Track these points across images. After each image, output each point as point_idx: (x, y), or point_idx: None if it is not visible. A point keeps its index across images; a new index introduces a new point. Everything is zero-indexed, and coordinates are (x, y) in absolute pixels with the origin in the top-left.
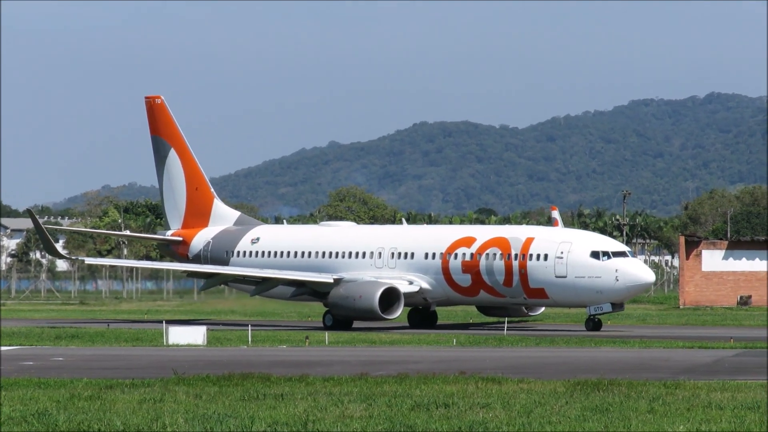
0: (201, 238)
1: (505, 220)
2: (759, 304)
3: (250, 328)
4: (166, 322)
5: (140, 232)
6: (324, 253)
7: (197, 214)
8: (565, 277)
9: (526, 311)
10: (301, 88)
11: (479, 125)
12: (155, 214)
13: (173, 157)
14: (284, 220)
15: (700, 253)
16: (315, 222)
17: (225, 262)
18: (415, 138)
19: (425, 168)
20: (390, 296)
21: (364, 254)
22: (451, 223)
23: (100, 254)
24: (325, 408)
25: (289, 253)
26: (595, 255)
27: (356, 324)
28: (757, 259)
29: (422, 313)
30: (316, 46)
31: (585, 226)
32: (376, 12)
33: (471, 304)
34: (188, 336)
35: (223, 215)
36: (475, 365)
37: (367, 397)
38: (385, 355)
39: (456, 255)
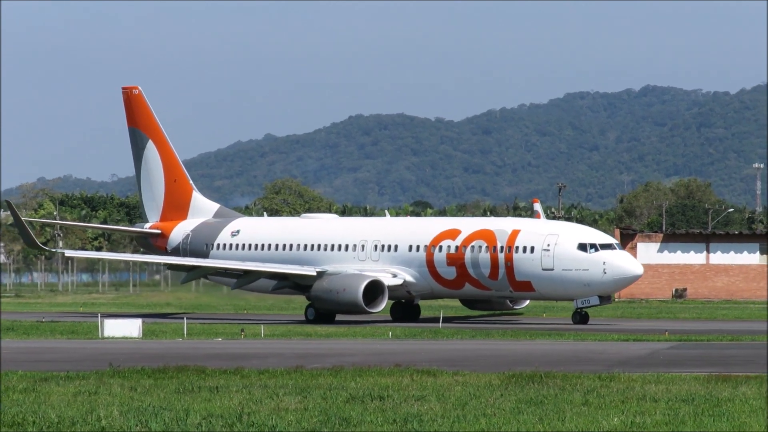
0: (180, 231)
1: (441, 213)
2: (694, 296)
3: (185, 320)
4: (101, 315)
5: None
6: (306, 246)
7: (176, 207)
8: (552, 269)
9: (510, 305)
10: (236, 81)
11: (415, 118)
12: (90, 207)
13: (151, 148)
14: (264, 213)
15: (636, 245)
16: (251, 214)
17: (204, 255)
18: (351, 131)
19: (361, 161)
20: (374, 289)
21: (347, 247)
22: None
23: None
24: (260, 400)
25: (270, 245)
26: (582, 247)
27: (339, 317)
28: (692, 252)
29: (405, 306)
30: (251, 39)
31: None
32: (311, 6)
33: (456, 298)
34: (124, 329)
35: (202, 207)
36: (411, 358)
37: (302, 389)
38: (320, 347)
39: (440, 247)
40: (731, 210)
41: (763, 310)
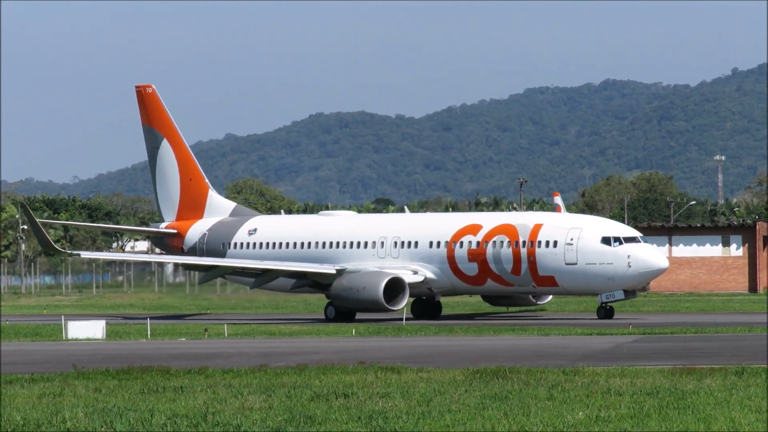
0: (196, 230)
1: (402, 210)
2: (657, 289)
3: (149, 321)
4: (65, 317)
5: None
6: (324, 243)
7: (192, 206)
8: (576, 264)
9: (533, 300)
10: (196, 81)
11: (375, 115)
12: (52, 209)
13: (166, 147)
14: (282, 211)
15: None
16: None
17: (221, 255)
18: (312, 129)
19: (322, 159)
20: (394, 287)
21: (366, 244)
22: None
23: None
24: (224, 400)
25: (288, 243)
26: (606, 241)
27: (359, 315)
28: (654, 245)
29: (426, 303)
30: (212, 39)
31: None
32: (270, 6)
33: (477, 294)
34: (87, 330)
35: (219, 206)
36: (374, 355)
37: (267, 388)
38: (284, 346)
39: (462, 243)
40: (693, 203)
41: (727, 302)
